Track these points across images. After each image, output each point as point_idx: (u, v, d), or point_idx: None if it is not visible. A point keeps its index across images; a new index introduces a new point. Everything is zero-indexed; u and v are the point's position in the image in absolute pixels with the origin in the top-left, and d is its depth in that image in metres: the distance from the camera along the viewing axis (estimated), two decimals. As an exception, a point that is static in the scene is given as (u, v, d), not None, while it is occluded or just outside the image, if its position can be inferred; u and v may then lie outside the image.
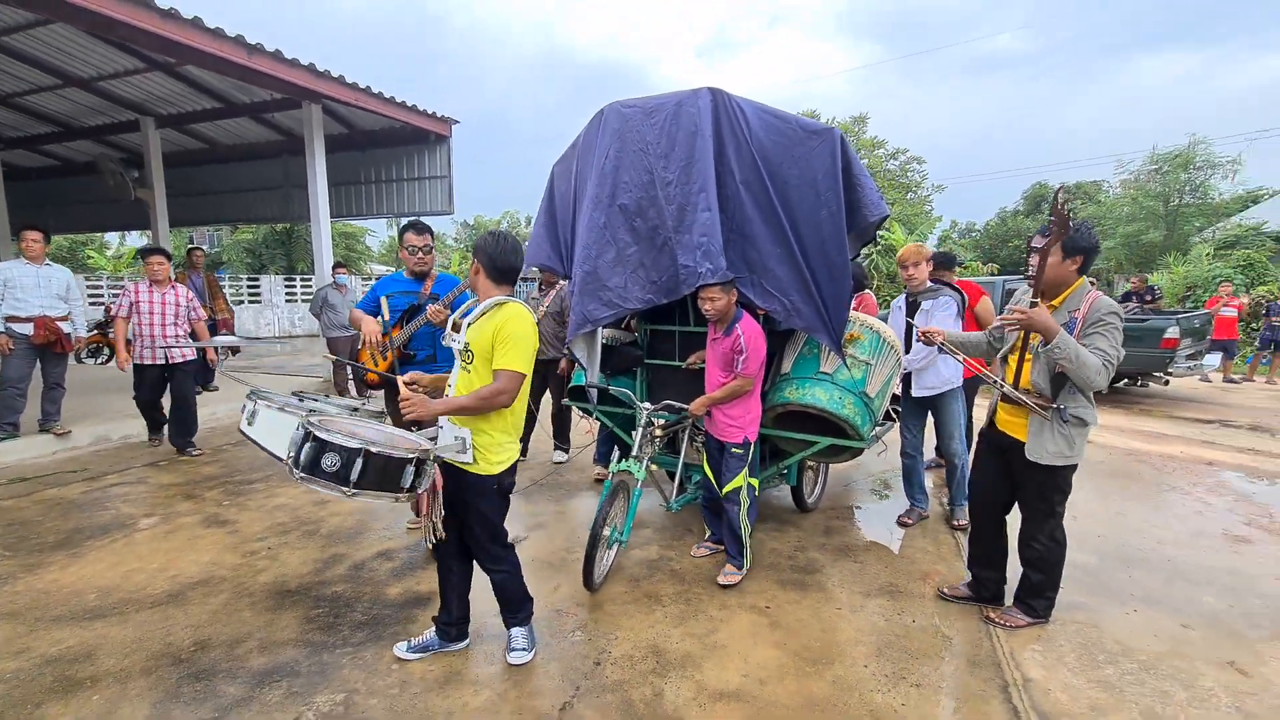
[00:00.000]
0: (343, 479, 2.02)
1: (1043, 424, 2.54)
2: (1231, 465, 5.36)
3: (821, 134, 3.13)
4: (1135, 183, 24.91)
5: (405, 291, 3.50)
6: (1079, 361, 2.33)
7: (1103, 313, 2.43)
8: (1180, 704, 2.31)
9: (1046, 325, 2.35)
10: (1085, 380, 2.37)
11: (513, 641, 2.56)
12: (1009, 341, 2.72)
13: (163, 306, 5.08)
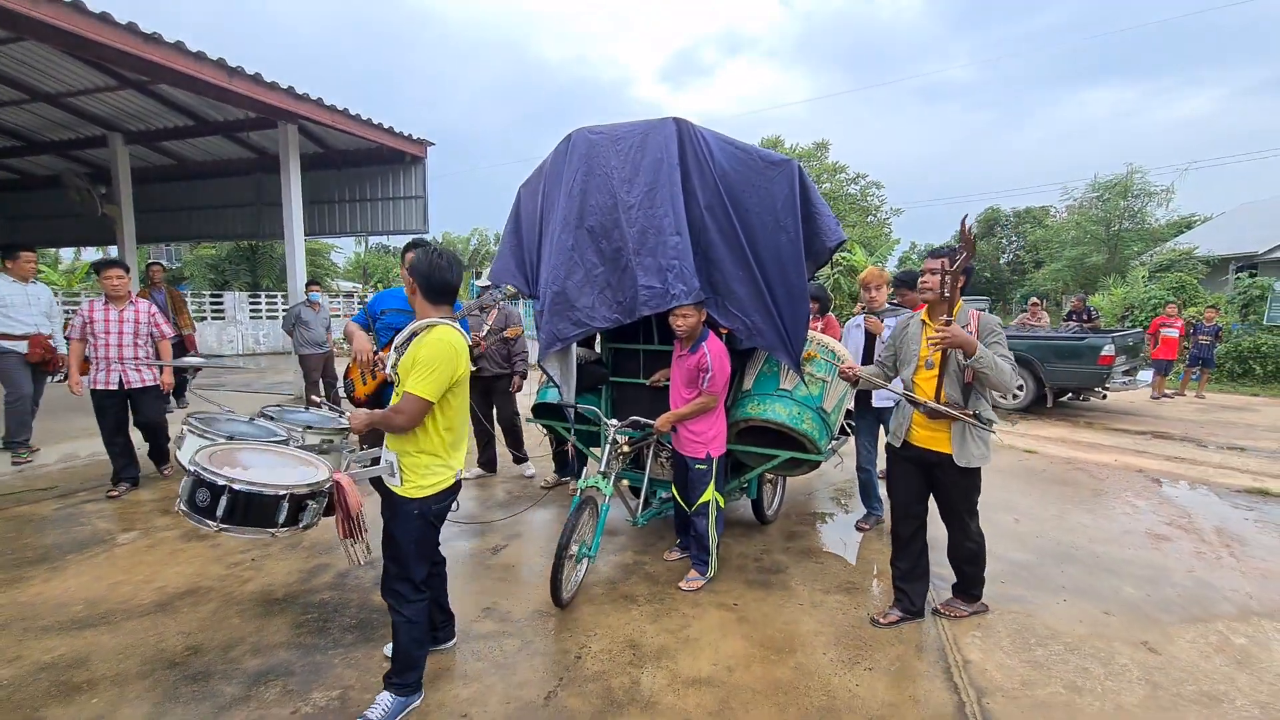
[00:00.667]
0: (210, 514, 2.02)
1: (964, 432, 2.73)
2: (1159, 472, 5.82)
3: (780, 165, 3.32)
4: (1079, 208, 26.33)
5: (402, 309, 3.40)
6: (998, 368, 2.56)
7: (993, 325, 2.73)
8: (1098, 678, 2.61)
9: (968, 341, 2.57)
10: (1004, 383, 2.59)
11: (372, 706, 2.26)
12: (910, 362, 2.87)
13: (120, 325, 4.55)
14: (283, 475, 2.16)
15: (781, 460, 3.61)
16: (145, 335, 4.68)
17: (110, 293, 4.57)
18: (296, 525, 2.11)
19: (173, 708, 2.37)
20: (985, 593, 3.32)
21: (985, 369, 2.56)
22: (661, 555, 3.76)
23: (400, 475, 2.24)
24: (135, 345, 4.61)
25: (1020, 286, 29.01)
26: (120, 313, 4.57)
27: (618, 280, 3.41)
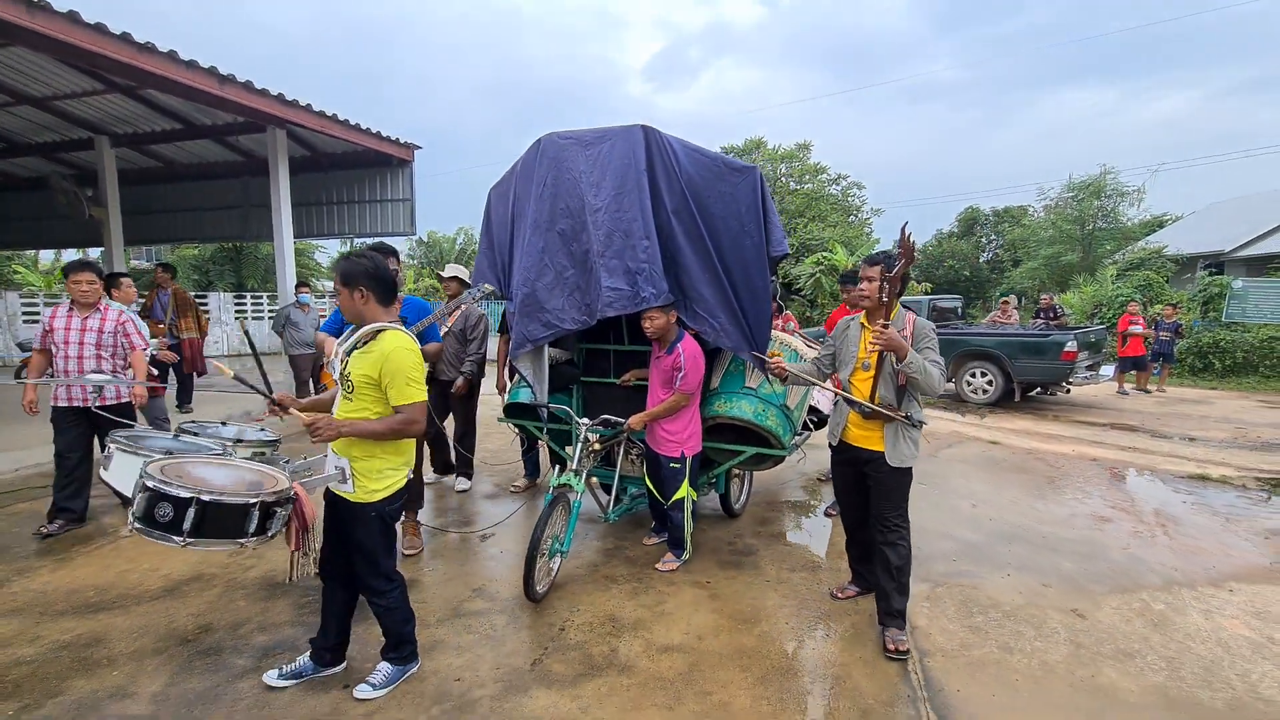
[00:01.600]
0: (176, 529, 1.97)
1: (896, 433, 2.80)
2: (1112, 461, 6.17)
3: (744, 171, 3.46)
4: (1055, 208, 26.97)
5: None
6: (926, 372, 2.66)
7: (926, 331, 2.80)
8: (1029, 639, 2.90)
9: (902, 344, 2.65)
10: (930, 387, 2.70)
11: (373, 673, 2.49)
12: (849, 363, 2.94)
13: (82, 334, 3.98)
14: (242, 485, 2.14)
15: (748, 456, 3.74)
16: (112, 347, 4.08)
17: (79, 299, 3.99)
18: (265, 534, 2.08)
19: (188, 678, 2.58)
20: (937, 571, 3.63)
21: (915, 373, 2.65)
22: (641, 541, 4.01)
23: (353, 481, 2.28)
24: (98, 358, 4.02)
25: (999, 285, 29.63)
26: (84, 320, 4.01)
27: (585, 283, 3.49)
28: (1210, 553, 3.92)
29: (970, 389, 9.35)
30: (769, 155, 22.76)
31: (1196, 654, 2.79)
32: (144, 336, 4.22)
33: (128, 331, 4.14)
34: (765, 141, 23.04)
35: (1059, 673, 2.65)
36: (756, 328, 3.38)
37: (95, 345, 4.02)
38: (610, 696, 2.47)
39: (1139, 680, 2.60)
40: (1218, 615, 3.14)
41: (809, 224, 20.76)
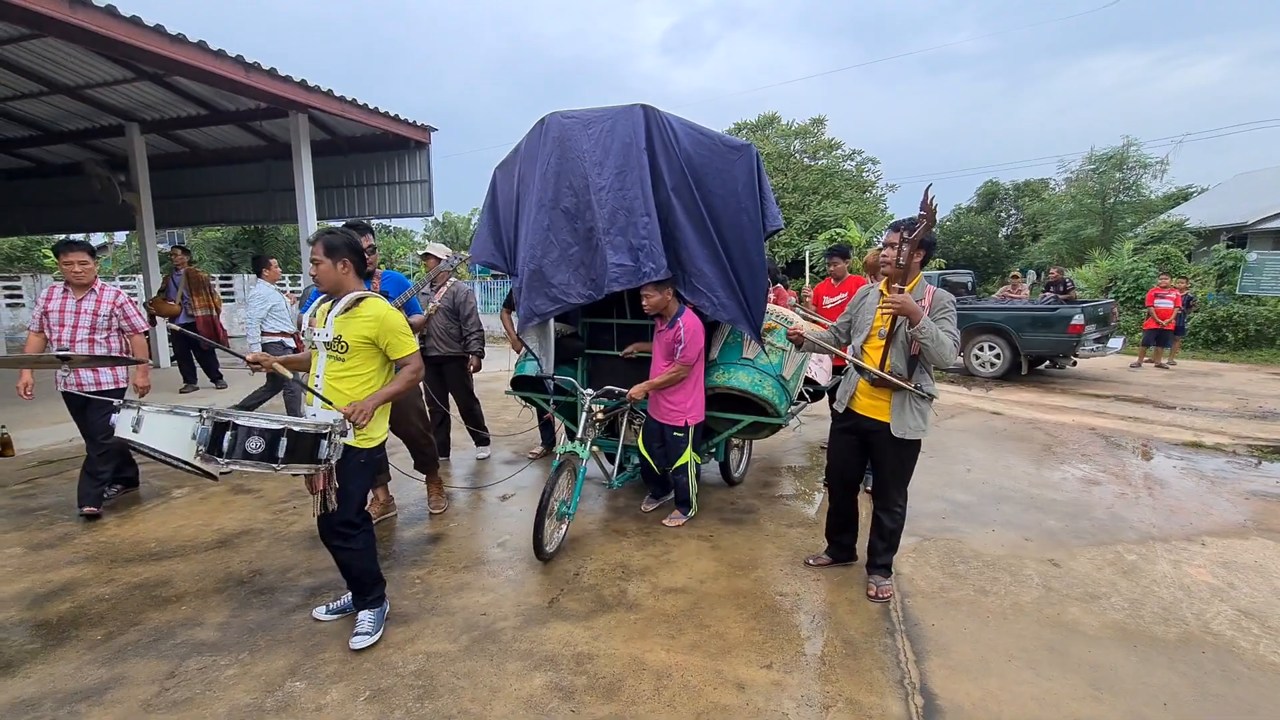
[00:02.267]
0: (270, 457, 2.27)
1: (904, 404, 2.82)
2: (1110, 430, 6.34)
3: (741, 149, 3.56)
4: (1076, 181, 26.52)
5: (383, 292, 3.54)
6: (938, 340, 2.65)
7: (945, 302, 2.80)
8: (1004, 584, 3.16)
9: (915, 309, 2.65)
10: (941, 356, 2.70)
11: (358, 625, 2.65)
12: (863, 331, 2.95)
13: (77, 317, 3.85)
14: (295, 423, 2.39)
15: (746, 424, 3.92)
16: (108, 329, 3.94)
17: (72, 280, 3.86)
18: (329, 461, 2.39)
19: (247, 611, 2.93)
20: (925, 527, 3.89)
21: (926, 339, 2.64)
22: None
23: (352, 430, 2.46)
24: (92, 341, 3.87)
25: (1017, 260, 29.31)
26: (79, 301, 3.87)
27: (590, 258, 3.60)
28: (1190, 512, 4.12)
29: (978, 362, 9.49)
30: (782, 131, 22.61)
31: (1158, 596, 3.03)
32: (144, 318, 4.13)
33: (127, 314, 4.00)
34: (779, 117, 22.87)
35: (1027, 610, 2.91)
36: (753, 301, 3.53)
37: (90, 327, 3.88)
38: (619, 628, 2.77)
39: (1100, 618, 2.85)
40: (1185, 565, 3.36)
41: (823, 200, 20.68)
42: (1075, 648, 2.62)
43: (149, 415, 2.31)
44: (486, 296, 18.21)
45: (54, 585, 3.17)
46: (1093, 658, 2.55)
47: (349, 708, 2.25)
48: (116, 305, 3.96)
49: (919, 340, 2.68)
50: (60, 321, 3.85)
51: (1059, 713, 2.23)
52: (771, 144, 22.02)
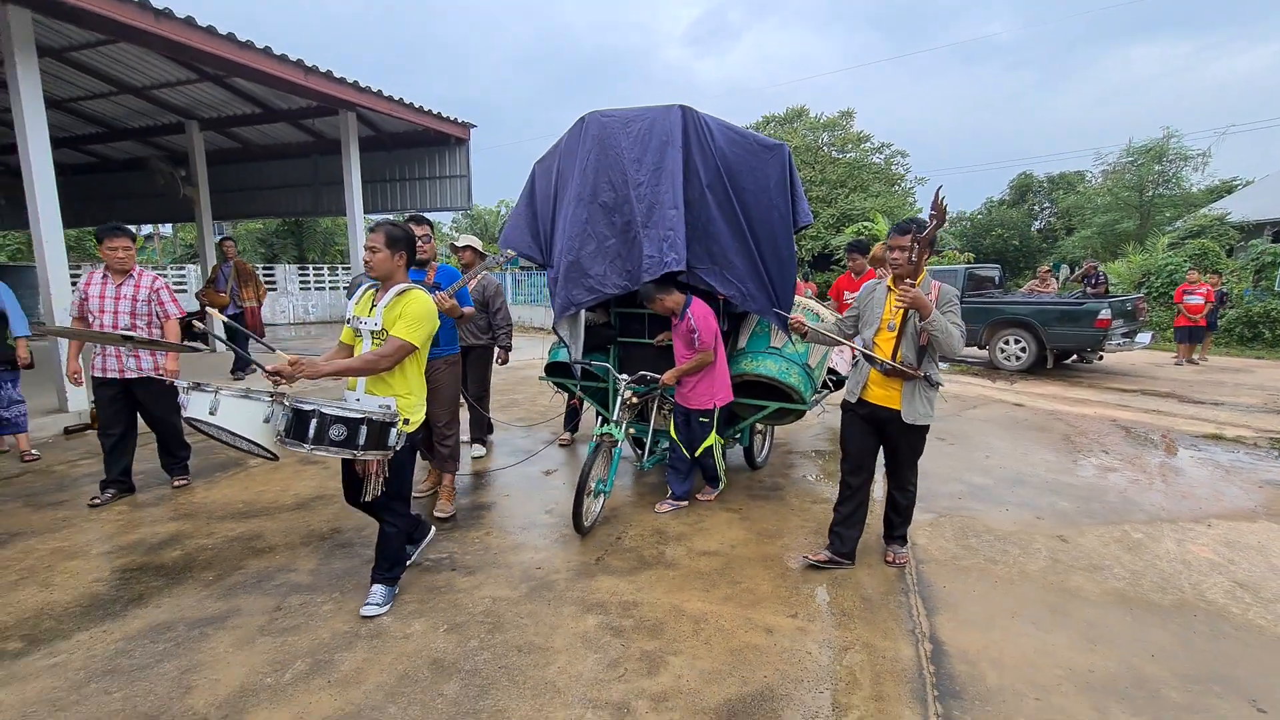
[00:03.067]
0: (351, 444, 2.47)
1: (913, 392, 2.98)
2: (1132, 421, 6.48)
3: (774, 149, 3.77)
4: (1113, 173, 25.99)
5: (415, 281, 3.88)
6: (948, 333, 2.82)
7: (950, 296, 2.96)
8: (1014, 555, 3.42)
9: (926, 304, 2.81)
10: (951, 347, 2.86)
11: (370, 596, 2.81)
12: (873, 324, 3.09)
13: (116, 302, 3.95)
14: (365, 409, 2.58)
15: (771, 410, 4.08)
16: (147, 315, 4.04)
17: (114, 265, 3.97)
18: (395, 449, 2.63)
19: (332, 561, 3.34)
20: (942, 505, 4.14)
21: (937, 331, 2.81)
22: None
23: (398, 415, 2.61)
24: (133, 326, 3.97)
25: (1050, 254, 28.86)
26: (119, 287, 3.98)
27: (627, 251, 3.76)
28: (1201, 498, 4.31)
29: (1003, 356, 9.60)
30: (810, 124, 22.60)
31: (1159, 569, 3.27)
32: (178, 304, 4.23)
33: (162, 299, 4.10)
34: (807, 110, 22.85)
35: (1033, 577, 3.17)
36: (782, 293, 3.76)
37: (130, 313, 3.99)
38: (659, 582, 3.11)
39: (1101, 585, 3.10)
40: (1190, 543, 3.58)
41: (850, 194, 20.67)
42: (1075, 609, 2.89)
43: (225, 399, 2.42)
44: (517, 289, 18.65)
45: (162, 537, 3.62)
46: (1090, 617, 2.82)
47: (431, 636, 2.63)
48: (153, 290, 4.07)
49: (930, 332, 2.84)
50: (100, 307, 3.96)
51: (1054, 659, 2.51)
52: (799, 137, 22.04)
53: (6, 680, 2.36)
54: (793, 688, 2.33)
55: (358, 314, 2.74)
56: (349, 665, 2.44)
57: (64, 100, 9.80)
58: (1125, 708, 2.23)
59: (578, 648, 2.57)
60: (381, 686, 2.32)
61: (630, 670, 2.42)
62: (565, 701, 2.24)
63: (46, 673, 2.40)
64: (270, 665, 2.45)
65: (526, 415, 6.60)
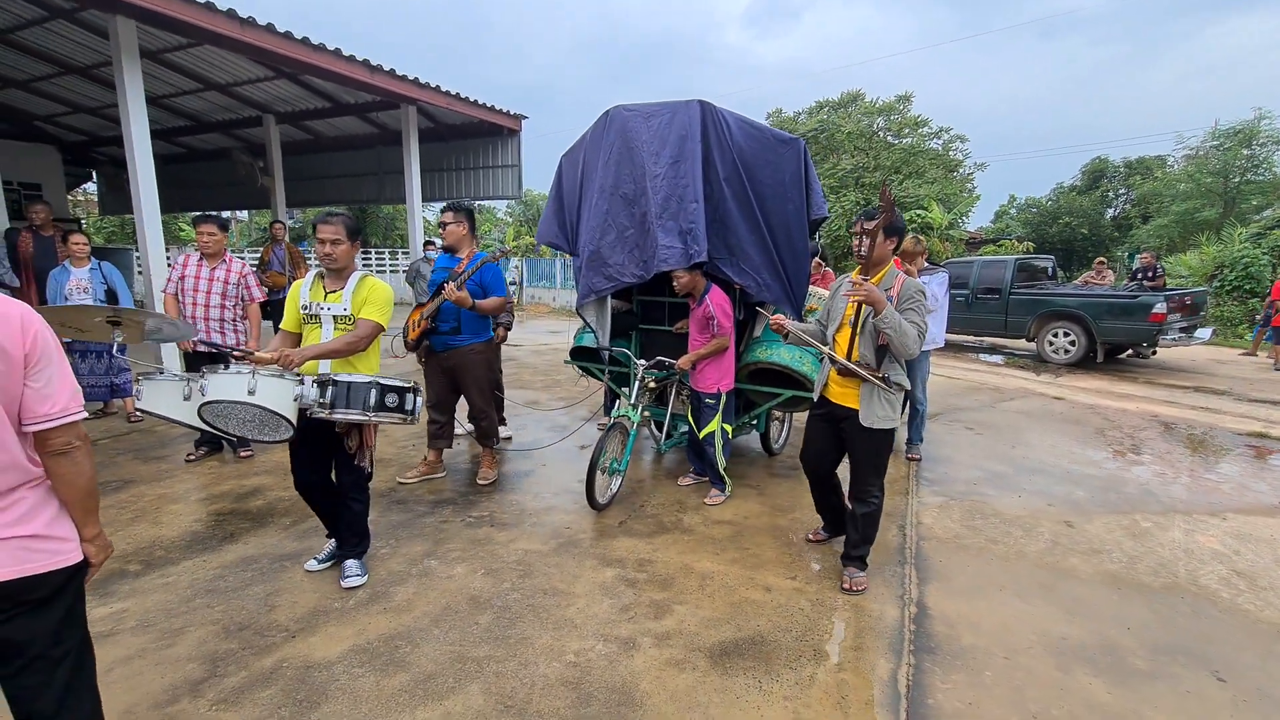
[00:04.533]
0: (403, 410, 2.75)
1: (871, 393, 2.82)
2: (1175, 418, 6.37)
3: (790, 143, 3.87)
4: (1196, 158, 24.43)
5: (444, 267, 4.02)
6: (901, 331, 2.64)
7: (912, 292, 2.76)
8: (1016, 537, 3.58)
9: (879, 298, 2.64)
10: (904, 347, 2.67)
11: (347, 570, 2.98)
12: (837, 319, 2.95)
13: (209, 284, 4.41)
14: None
15: (785, 398, 4.16)
16: (234, 297, 4.51)
17: (203, 249, 4.42)
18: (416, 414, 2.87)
19: (388, 514, 3.80)
20: (955, 490, 4.30)
21: (888, 329, 2.64)
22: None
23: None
24: (223, 306, 4.45)
25: (1122, 244, 27.38)
26: (212, 271, 4.43)
27: (644, 240, 3.89)
28: (1224, 492, 4.32)
29: (1051, 349, 9.42)
30: (866, 109, 22.10)
31: (1158, 555, 3.38)
32: (262, 290, 4.64)
33: (249, 284, 4.56)
34: (863, 94, 22.34)
35: (1029, 557, 3.34)
36: (796, 284, 3.92)
37: (221, 295, 4.43)
38: (674, 545, 3.44)
39: (1096, 567, 3.25)
40: (1198, 534, 3.65)
41: (905, 180, 20.19)
42: (1064, 586, 3.06)
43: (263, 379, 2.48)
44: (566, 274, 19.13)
45: (248, 489, 4.18)
46: (1076, 594, 2.99)
47: (471, 578, 3.04)
48: (242, 275, 4.53)
49: (881, 329, 2.67)
50: (194, 287, 4.41)
51: (1031, 627, 2.71)
52: (854, 122, 21.61)
53: (130, 594, 2.89)
54: (781, 635, 2.62)
55: (316, 300, 2.85)
56: (401, 596, 2.88)
57: (159, 96, 10.72)
58: (1087, 669, 2.43)
59: (595, 594, 2.92)
60: (428, 614, 2.74)
61: (639, 614, 2.76)
62: (581, 635, 2.61)
63: (160, 589, 2.93)
64: (336, 593, 2.90)
65: (568, 395, 7.00)
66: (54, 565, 1.42)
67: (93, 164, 14.51)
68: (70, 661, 1.47)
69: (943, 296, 4.83)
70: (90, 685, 1.55)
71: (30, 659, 1.42)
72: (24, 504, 1.38)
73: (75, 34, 8.21)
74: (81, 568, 1.50)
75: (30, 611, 1.40)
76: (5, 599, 1.37)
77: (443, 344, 4.04)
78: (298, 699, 2.22)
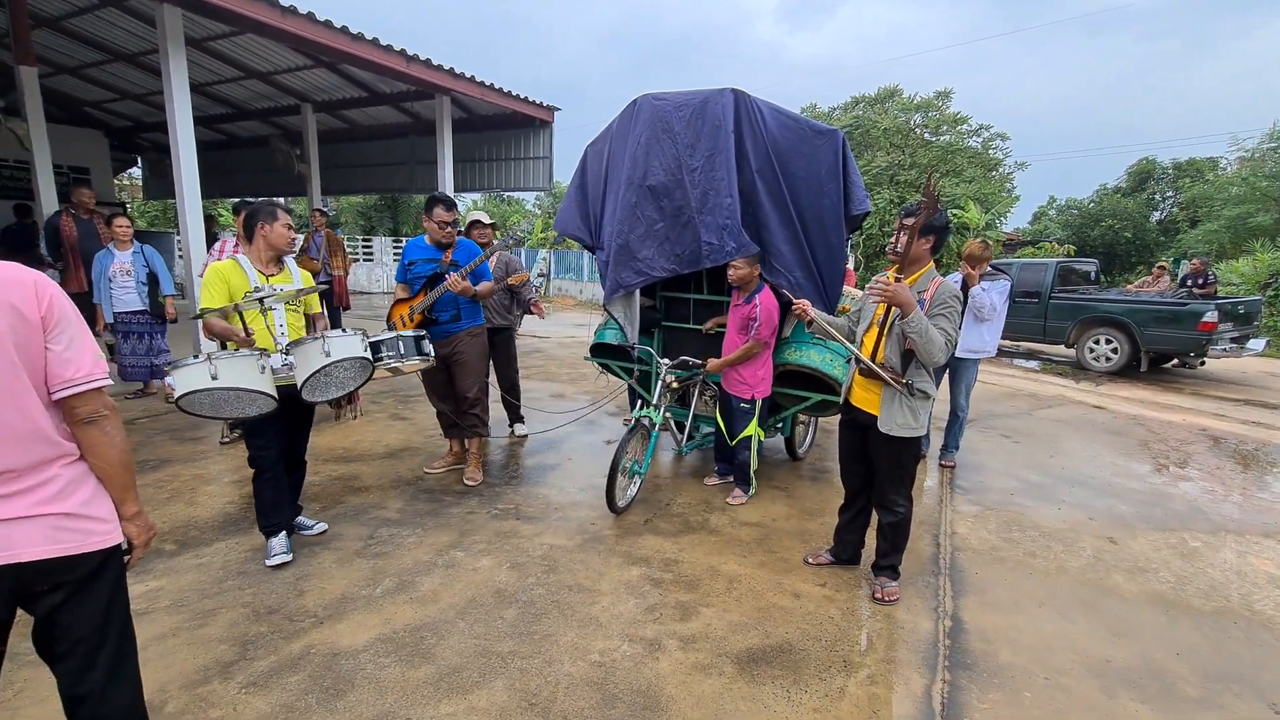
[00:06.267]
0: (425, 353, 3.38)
1: (893, 398, 2.70)
2: (1225, 432, 6.10)
3: (827, 135, 3.69)
4: (1251, 160, 23.45)
5: (428, 259, 3.87)
6: (927, 337, 2.51)
7: (946, 297, 2.63)
8: (1055, 551, 3.45)
9: (907, 300, 2.52)
10: (929, 355, 2.55)
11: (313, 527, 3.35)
12: (866, 319, 2.86)
13: None
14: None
15: (814, 401, 4.02)
16: None
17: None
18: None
19: (417, 503, 3.82)
20: (990, 500, 4.18)
21: (913, 333, 2.54)
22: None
23: None
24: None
25: (1168, 248, 26.40)
26: None
27: (677, 235, 3.80)
28: (1278, 513, 4.11)
29: (1091, 355, 9.12)
30: (903, 105, 21.60)
31: (1209, 576, 3.23)
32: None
33: None
34: (900, 90, 21.85)
35: (1070, 573, 3.22)
36: (830, 283, 3.78)
37: None
38: (700, 545, 3.39)
39: (1143, 587, 3.11)
40: (1251, 556, 3.48)
41: (942, 179, 19.70)
42: (1107, 605, 2.94)
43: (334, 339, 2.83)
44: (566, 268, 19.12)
45: (279, 472, 4.23)
46: (1121, 613, 2.86)
47: (497, 571, 3.03)
48: None
49: (906, 332, 2.57)
50: None
51: (1073, 646, 2.60)
52: (890, 119, 21.13)
53: (166, 572, 2.95)
54: (810, 644, 2.56)
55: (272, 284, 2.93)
56: (427, 587, 2.88)
57: (202, 84, 10.92)
58: (1134, 695, 2.32)
59: (621, 592, 2.89)
60: (453, 605, 2.73)
61: (665, 615, 2.72)
62: (606, 634, 2.57)
63: (194, 569, 2.98)
64: (364, 580, 2.92)
65: (594, 390, 6.98)
66: (90, 546, 1.42)
67: (138, 149, 14.89)
68: (111, 646, 1.48)
69: (1001, 305, 4.52)
70: (133, 670, 1.57)
71: (73, 642, 1.43)
72: (58, 481, 1.38)
73: (124, 21, 8.39)
74: (119, 550, 1.51)
75: (70, 592, 1.41)
76: (43, 577, 1.37)
77: (442, 333, 3.92)
78: (324, 686, 2.22)
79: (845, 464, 3.08)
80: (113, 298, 5.58)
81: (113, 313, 5.61)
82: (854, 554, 3.19)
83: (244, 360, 2.60)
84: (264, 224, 2.94)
